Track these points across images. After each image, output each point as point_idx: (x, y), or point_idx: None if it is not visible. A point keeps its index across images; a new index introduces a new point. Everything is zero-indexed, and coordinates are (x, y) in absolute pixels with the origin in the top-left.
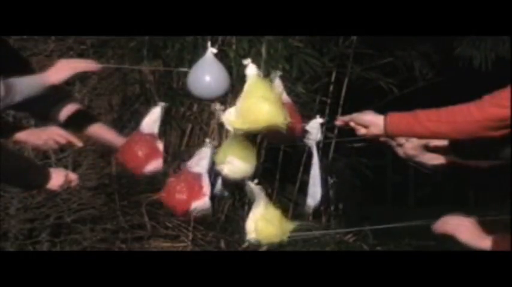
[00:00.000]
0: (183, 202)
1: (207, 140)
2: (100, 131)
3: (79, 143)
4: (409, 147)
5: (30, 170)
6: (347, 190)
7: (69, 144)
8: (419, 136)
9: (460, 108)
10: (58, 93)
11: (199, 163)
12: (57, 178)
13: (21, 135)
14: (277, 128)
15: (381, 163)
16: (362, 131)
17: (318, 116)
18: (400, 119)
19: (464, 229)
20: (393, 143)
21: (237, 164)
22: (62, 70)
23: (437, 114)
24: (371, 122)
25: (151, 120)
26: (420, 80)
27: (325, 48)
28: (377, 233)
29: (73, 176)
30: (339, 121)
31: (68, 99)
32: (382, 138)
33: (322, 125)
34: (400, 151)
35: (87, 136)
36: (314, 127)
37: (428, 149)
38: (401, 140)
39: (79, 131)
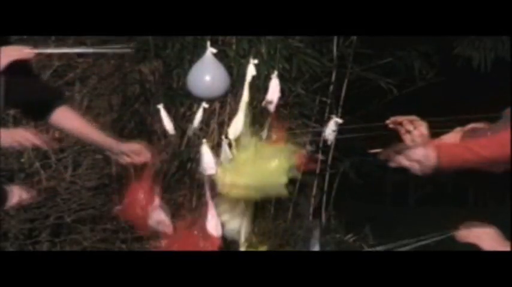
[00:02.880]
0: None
1: (204, 140)
2: (88, 132)
3: (46, 146)
4: (417, 134)
5: None
6: (349, 190)
7: (35, 147)
8: (473, 163)
9: (506, 131)
10: (50, 95)
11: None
12: (14, 197)
13: None
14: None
15: (381, 163)
16: (415, 166)
17: (334, 116)
18: (452, 150)
19: (487, 237)
20: (401, 130)
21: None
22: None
23: (487, 140)
24: (423, 156)
25: (168, 121)
26: (420, 80)
27: (325, 48)
28: (377, 233)
29: (26, 195)
30: (394, 163)
31: (60, 101)
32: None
33: (338, 125)
34: (407, 138)
35: (75, 137)
36: (332, 128)
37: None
38: (410, 127)
39: (68, 132)
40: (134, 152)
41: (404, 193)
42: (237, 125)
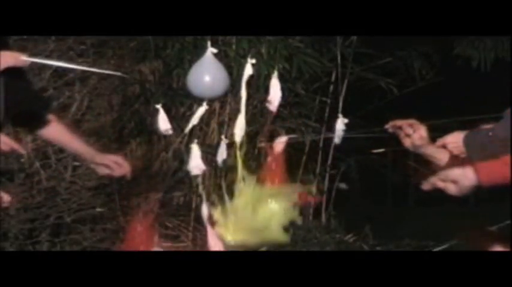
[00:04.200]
0: None
1: (196, 140)
2: (71, 142)
3: (23, 151)
4: (417, 137)
5: None
6: (349, 190)
7: (13, 151)
8: None
9: None
10: (37, 104)
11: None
12: None
13: None
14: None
15: (381, 163)
16: (451, 187)
17: (341, 115)
18: (491, 167)
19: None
20: (401, 134)
21: None
22: None
23: None
24: (461, 176)
25: (164, 119)
26: (420, 80)
27: (325, 48)
28: (377, 233)
29: (6, 198)
30: (427, 185)
31: (46, 111)
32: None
33: (346, 124)
34: (407, 142)
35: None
36: (340, 128)
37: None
38: (409, 130)
39: (51, 141)
40: (115, 163)
41: (404, 193)
42: (241, 125)
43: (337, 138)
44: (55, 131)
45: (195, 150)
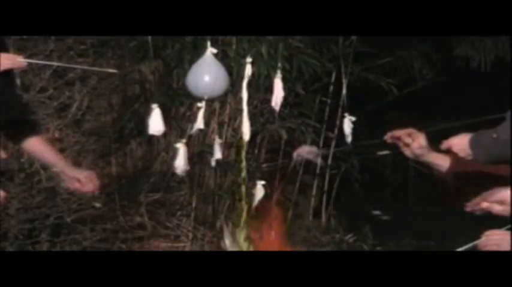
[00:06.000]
0: None
1: (183, 140)
2: (45, 154)
3: (3, 155)
4: (416, 146)
5: None
6: (349, 190)
7: None
8: None
9: None
10: (18, 112)
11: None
12: None
13: None
14: None
15: (381, 163)
16: (497, 208)
17: (347, 114)
18: None
19: (507, 243)
20: (400, 143)
21: None
22: None
23: None
24: (508, 196)
25: (158, 119)
26: (420, 80)
27: (325, 48)
28: (377, 233)
29: (2, 194)
30: (471, 207)
31: (25, 120)
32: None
33: (353, 123)
34: (407, 151)
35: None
36: (348, 126)
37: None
38: (408, 140)
39: (25, 150)
40: (85, 179)
41: (404, 193)
42: (246, 124)
43: (348, 138)
44: (31, 141)
45: (182, 150)
